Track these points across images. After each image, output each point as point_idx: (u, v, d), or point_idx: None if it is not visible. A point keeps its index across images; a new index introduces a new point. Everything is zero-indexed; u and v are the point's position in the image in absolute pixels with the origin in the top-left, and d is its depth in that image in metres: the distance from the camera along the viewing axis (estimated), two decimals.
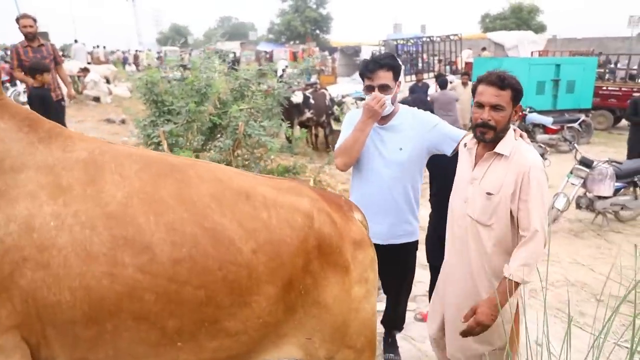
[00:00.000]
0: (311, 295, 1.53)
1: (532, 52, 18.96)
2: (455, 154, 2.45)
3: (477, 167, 2.17)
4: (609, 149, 10.01)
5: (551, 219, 5.34)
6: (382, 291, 2.99)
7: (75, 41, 23.05)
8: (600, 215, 5.59)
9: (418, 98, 3.57)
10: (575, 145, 6.11)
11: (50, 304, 1.21)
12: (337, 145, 2.58)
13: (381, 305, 2.98)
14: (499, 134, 2.07)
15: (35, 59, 5.76)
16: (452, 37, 16.73)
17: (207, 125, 3.88)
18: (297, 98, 8.67)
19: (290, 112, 8.17)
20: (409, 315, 3.59)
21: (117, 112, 12.77)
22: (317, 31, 45.47)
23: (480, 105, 2.07)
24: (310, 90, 10.38)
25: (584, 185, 5.46)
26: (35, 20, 5.93)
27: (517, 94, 2.06)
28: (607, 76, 13.89)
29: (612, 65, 15.91)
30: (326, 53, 26.82)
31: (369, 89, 2.46)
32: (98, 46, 28.96)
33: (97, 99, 14.69)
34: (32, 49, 5.92)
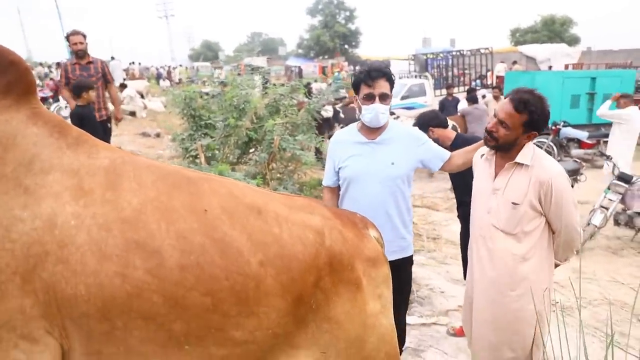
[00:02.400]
0: (322, 311, 1.56)
1: (566, 65, 18.58)
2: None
3: (498, 177, 2.22)
4: None
5: (588, 236, 5.22)
6: None
7: (112, 58, 23.89)
8: None
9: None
10: (613, 160, 5.95)
11: (68, 297, 1.29)
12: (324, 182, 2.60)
13: None
14: (500, 145, 2.17)
15: (82, 77, 5.52)
16: (482, 51, 16.57)
17: (243, 140, 4.01)
18: (328, 112, 8.79)
19: (321, 126, 8.28)
20: (442, 330, 3.56)
21: (152, 126, 13.22)
22: (346, 46, 45.85)
23: (495, 115, 2.18)
24: (340, 104, 10.49)
25: (622, 201, 5.31)
26: (85, 37, 5.67)
27: (532, 121, 2.09)
28: None
29: None
30: (357, 67, 26.98)
31: (369, 97, 2.35)
32: (133, 62, 30.07)
33: (132, 114, 15.26)
34: (80, 67, 5.68)
